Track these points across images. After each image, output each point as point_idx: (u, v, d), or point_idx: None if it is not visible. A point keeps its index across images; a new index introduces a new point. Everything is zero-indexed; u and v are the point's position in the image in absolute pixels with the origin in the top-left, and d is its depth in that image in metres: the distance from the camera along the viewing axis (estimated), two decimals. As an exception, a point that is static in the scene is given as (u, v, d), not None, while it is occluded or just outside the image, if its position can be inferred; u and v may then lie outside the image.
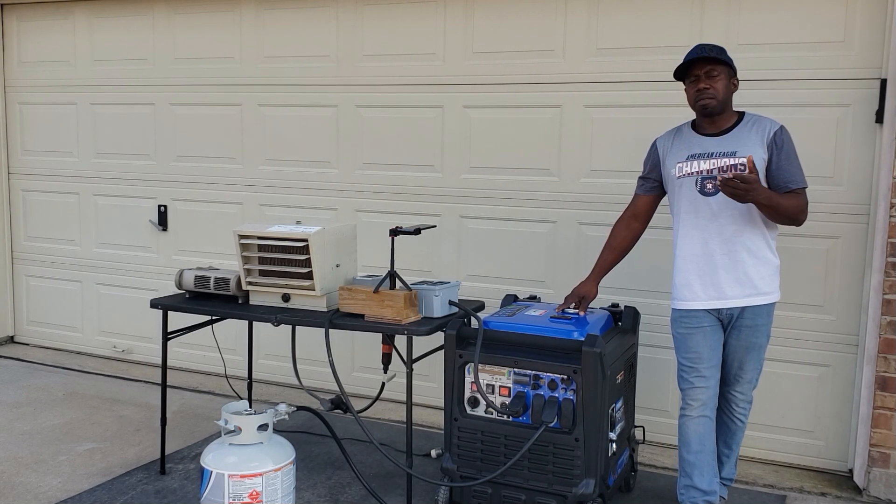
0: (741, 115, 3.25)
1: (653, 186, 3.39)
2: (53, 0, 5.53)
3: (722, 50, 3.17)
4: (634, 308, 3.57)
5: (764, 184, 3.12)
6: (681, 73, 3.22)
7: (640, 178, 3.43)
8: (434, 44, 4.53)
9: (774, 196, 3.05)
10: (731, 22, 3.90)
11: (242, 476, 2.86)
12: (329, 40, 4.79)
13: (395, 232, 3.42)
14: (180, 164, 5.28)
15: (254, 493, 2.87)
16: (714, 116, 3.19)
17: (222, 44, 5.07)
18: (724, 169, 3.12)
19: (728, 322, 3.23)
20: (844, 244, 3.83)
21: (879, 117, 3.67)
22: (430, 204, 4.63)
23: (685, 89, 3.24)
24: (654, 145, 3.38)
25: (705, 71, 3.14)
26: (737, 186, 2.94)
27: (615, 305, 3.63)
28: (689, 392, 3.24)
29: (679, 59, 3.97)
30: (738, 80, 3.24)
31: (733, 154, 3.13)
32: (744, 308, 3.18)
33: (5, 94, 5.82)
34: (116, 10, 5.36)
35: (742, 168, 3.10)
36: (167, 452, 4.01)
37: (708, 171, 3.16)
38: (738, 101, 3.86)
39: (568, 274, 4.32)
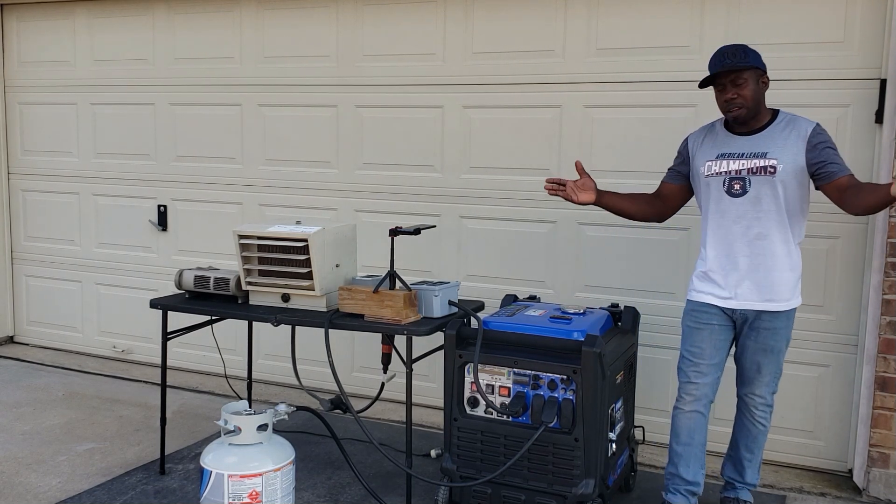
0: (775, 113, 3.17)
1: (677, 176, 3.36)
2: (53, 0, 5.54)
3: (745, 51, 3.07)
4: (634, 308, 3.57)
5: (806, 182, 3.09)
6: (706, 80, 3.15)
7: (669, 168, 3.40)
8: (434, 44, 4.53)
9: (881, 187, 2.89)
10: (731, 22, 3.90)
11: (242, 476, 2.87)
12: (329, 40, 4.79)
13: (394, 232, 3.42)
14: (180, 164, 5.28)
15: (253, 493, 2.87)
16: (749, 122, 3.14)
17: (222, 44, 5.07)
18: (755, 171, 3.07)
19: (742, 323, 3.20)
20: (844, 244, 3.83)
21: (879, 117, 3.67)
22: (430, 204, 4.63)
23: (715, 94, 3.17)
24: (685, 141, 3.35)
25: (730, 79, 3.07)
26: None
27: (615, 305, 3.62)
28: (685, 386, 3.25)
29: (680, 60, 3.99)
30: (768, 78, 3.14)
31: (764, 155, 3.08)
32: (760, 311, 3.14)
33: (5, 94, 5.82)
34: (116, 10, 5.36)
35: (771, 170, 3.05)
36: (167, 452, 4.01)
37: (736, 171, 3.12)
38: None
39: (568, 274, 4.33)
